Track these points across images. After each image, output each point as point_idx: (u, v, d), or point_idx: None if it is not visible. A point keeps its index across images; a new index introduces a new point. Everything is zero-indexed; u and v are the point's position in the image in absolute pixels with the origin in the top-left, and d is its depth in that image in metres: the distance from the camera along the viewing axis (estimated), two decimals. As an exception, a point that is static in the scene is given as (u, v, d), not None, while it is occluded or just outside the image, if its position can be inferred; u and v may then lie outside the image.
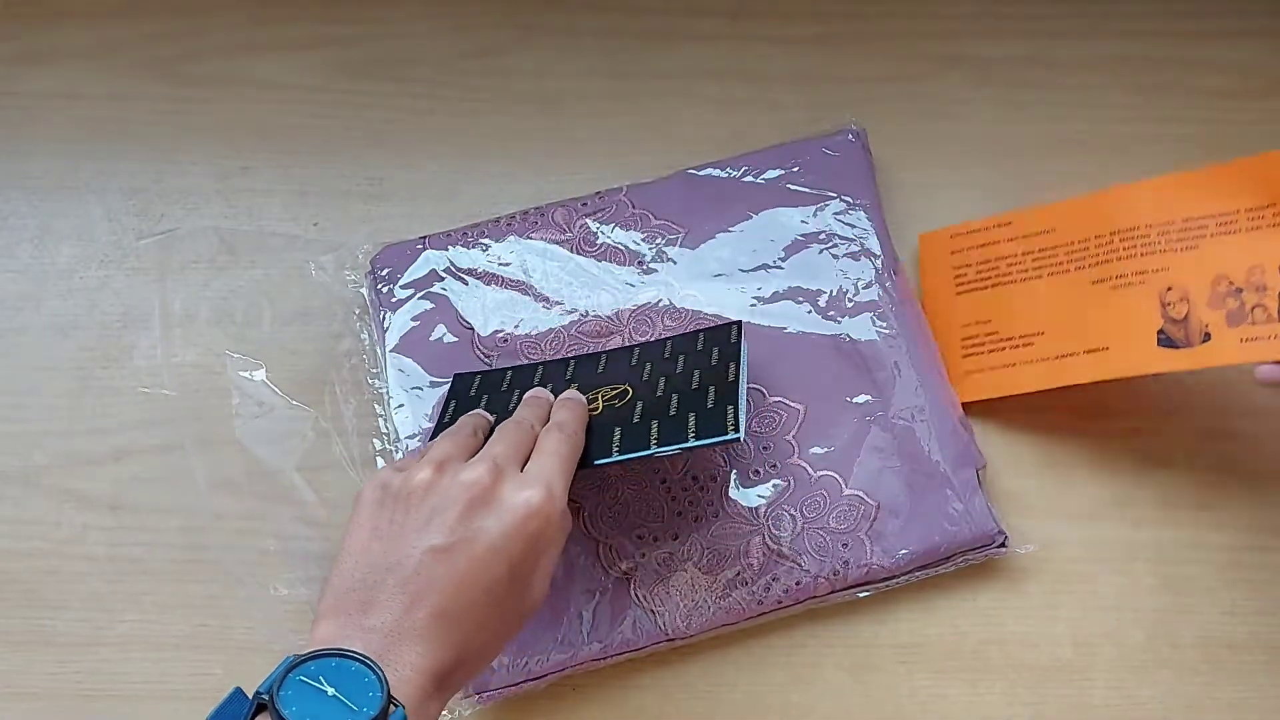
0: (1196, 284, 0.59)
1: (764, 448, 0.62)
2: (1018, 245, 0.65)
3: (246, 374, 0.65)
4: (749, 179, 0.67)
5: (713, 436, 0.53)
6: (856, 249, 0.65)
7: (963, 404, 0.64)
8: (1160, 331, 0.59)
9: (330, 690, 0.42)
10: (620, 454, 0.54)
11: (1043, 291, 0.63)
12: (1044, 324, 0.63)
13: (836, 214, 0.66)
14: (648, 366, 0.60)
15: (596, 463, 0.54)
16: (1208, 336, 0.57)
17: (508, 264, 0.66)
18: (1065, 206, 0.64)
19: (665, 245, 0.66)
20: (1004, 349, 0.64)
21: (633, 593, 0.59)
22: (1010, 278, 0.65)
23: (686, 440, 0.54)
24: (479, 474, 0.49)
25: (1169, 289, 0.59)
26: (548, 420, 0.55)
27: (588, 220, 0.67)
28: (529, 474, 0.50)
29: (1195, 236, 0.59)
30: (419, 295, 0.65)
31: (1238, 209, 0.59)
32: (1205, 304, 0.58)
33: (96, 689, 0.61)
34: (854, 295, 0.65)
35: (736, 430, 0.53)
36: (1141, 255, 0.61)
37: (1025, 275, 0.64)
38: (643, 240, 0.66)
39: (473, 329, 0.65)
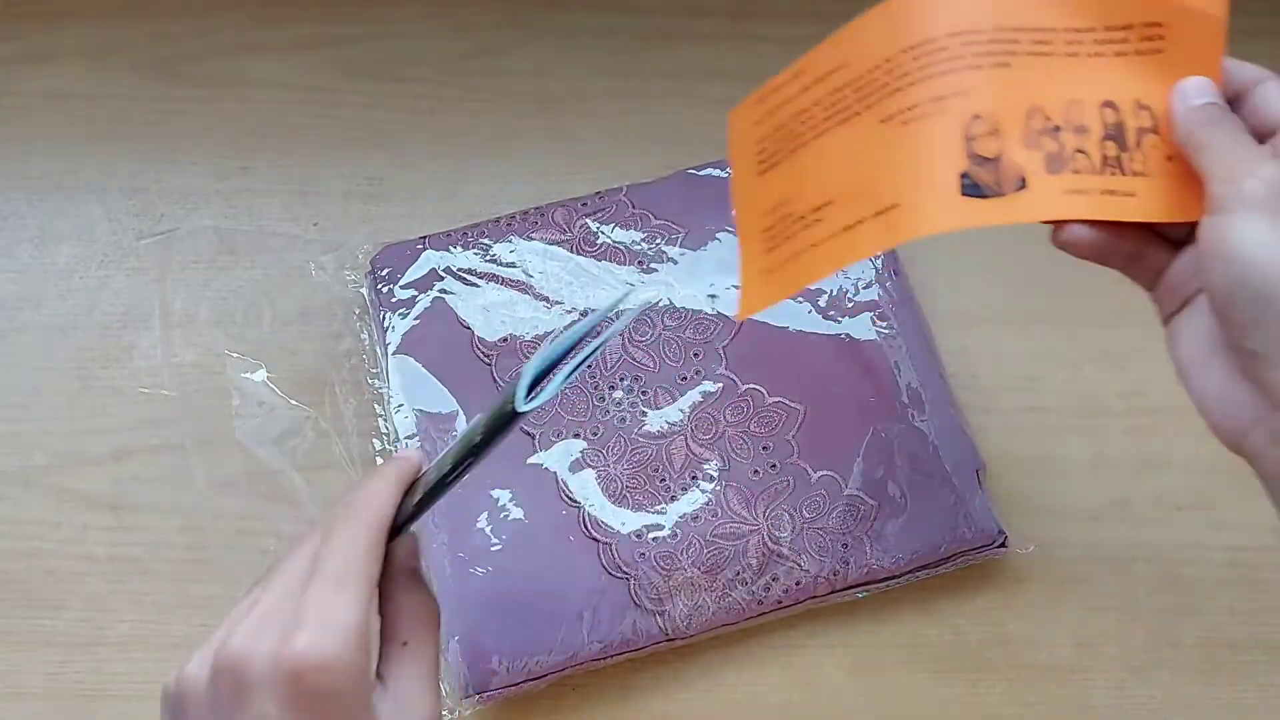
0: (1009, 113, 0.45)
1: (764, 448, 0.61)
2: (810, 95, 0.49)
3: (246, 374, 0.65)
4: (749, 179, 0.67)
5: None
6: (857, 249, 0.65)
7: (748, 317, 0.51)
8: (964, 175, 0.44)
9: None
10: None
11: (830, 148, 0.48)
12: (832, 190, 0.47)
13: (836, 214, 0.66)
14: None
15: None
16: (1023, 183, 0.44)
17: (508, 264, 0.66)
18: (858, 28, 0.49)
19: (665, 245, 0.66)
20: (796, 234, 0.48)
21: (632, 593, 0.59)
22: (803, 139, 0.49)
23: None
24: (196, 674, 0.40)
25: (976, 118, 0.45)
26: None
27: (588, 220, 0.67)
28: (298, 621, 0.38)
29: (1006, 52, 0.45)
30: (419, 295, 0.65)
31: (1055, 26, 0.45)
32: (1020, 141, 0.44)
33: (96, 689, 0.61)
34: (854, 295, 0.65)
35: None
36: (941, 75, 0.45)
37: (816, 131, 0.48)
38: (643, 240, 0.66)
39: (472, 329, 0.65)
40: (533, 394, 0.39)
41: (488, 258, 0.66)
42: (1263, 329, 0.39)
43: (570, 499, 0.60)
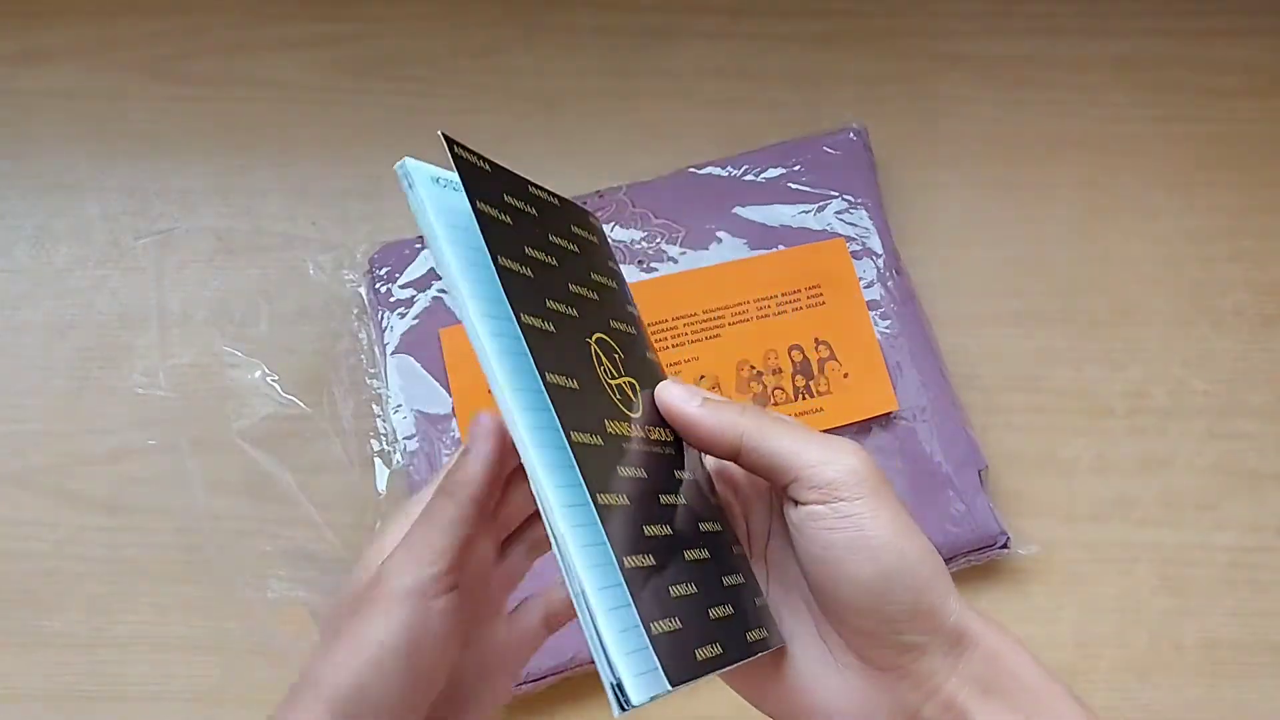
0: (724, 369, 0.62)
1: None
2: None
3: (244, 374, 0.65)
4: (750, 178, 0.67)
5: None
6: (858, 248, 0.65)
7: None
8: None
9: None
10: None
11: None
12: None
13: (838, 213, 0.66)
14: None
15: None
16: None
17: (507, 263, 0.66)
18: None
19: (665, 244, 0.66)
20: None
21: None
22: None
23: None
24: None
25: (701, 377, 0.62)
26: None
27: (587, 219, 0.66)
28: None
29: (715, 325, 0.63)
30: (418, 295, 0.65)
31: (747, 300, 0.63)
32: (734, 390, 0.62)
33: (94, 690, 0.61)
34: (855, 295, 0.65)
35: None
36: (674, 347, 0.63)
37: None
38: (643, 239, 0.66)
39: (472, 329, 0.64)
40: None
41: (487, 257, 0.66)
42: (918, 619, 0.36)
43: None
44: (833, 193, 0.66)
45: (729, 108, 0.71)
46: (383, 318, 0.65)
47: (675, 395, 0.39)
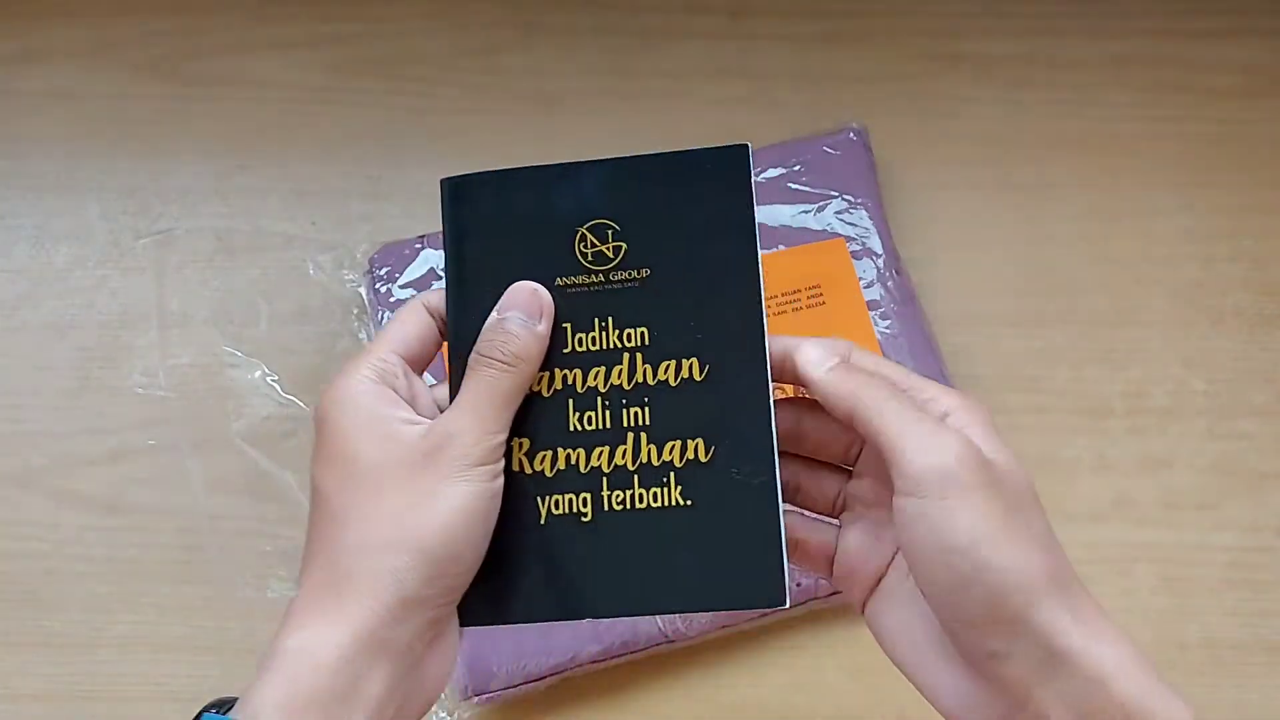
0: None
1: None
2: None
3: (244, 374, 0.65)
4: (749, 178, 0.67)
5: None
6: (858, 248, 0.65)
7: None
8: None
9: None
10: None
11: None
12: None
13: (838, 213, 0.66)
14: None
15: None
16: None
17: (507, 263, 0.66)
18: None
19: (665, 244, 0.66)
20: None
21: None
22: None
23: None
24: None
25: None
26: None
27: (587, 219, 0.66)
28: None
29: None
30: (418, 295, 0.65)
31: None
32: None
33: (94, 690, 0.61)
34: (855, 295, 0.65)
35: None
36: None
37: None
38: (643, 239, 0.66)
39: (472, 329, 0.64)
40: None
41: (487, 257, 0.66)
42: (996, 626, 0.35)
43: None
44: (833, 193, 0.66)
45: (729, 108, 0.71)
46: (382, 318, 0.65)
47: (810, 357, 0.40)
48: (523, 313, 0.41)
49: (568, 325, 0.41)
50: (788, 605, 0.39)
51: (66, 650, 0.61)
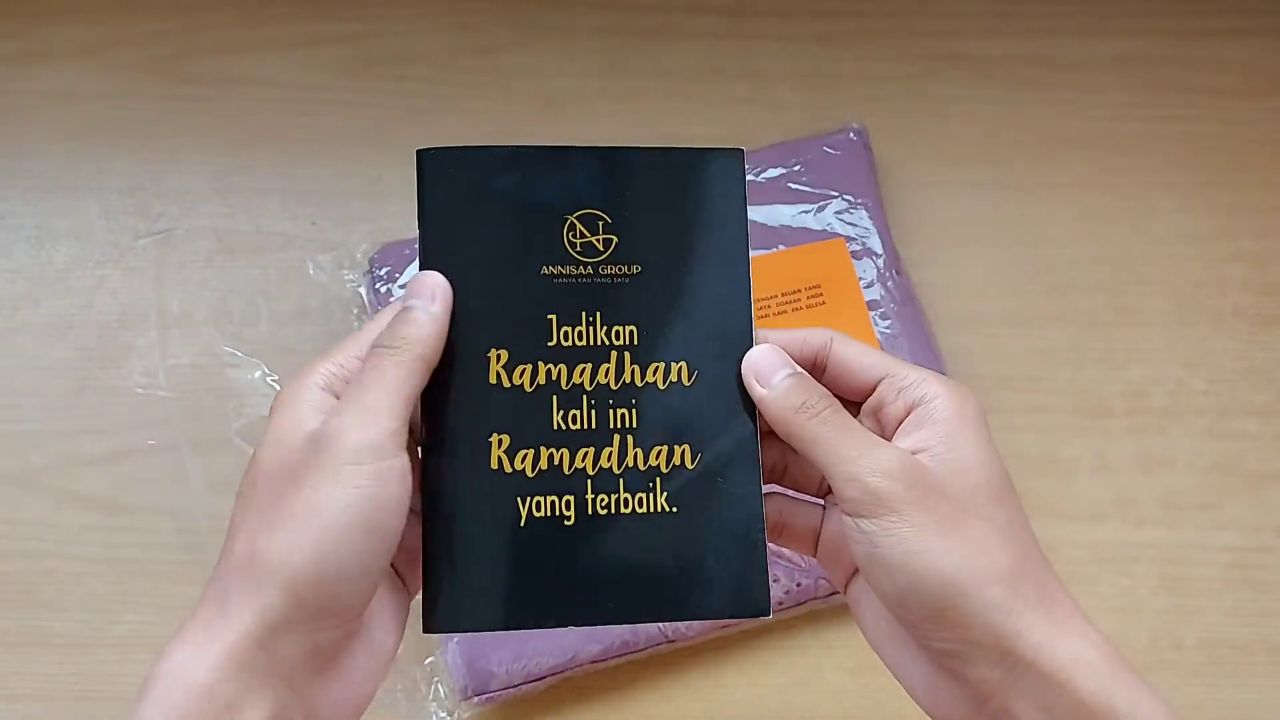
0: None
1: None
2: None
3: (244, 374, 0.65)
4: (750, 178, 0.66)
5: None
6: (858, 248, 0.65)
7: None
8: None
9: None
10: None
11: None
12: None
13: (838, 213, 0.66)
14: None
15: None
16: None
17: (507, 263, 0.66)
18: None
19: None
20: None
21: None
22: None
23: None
24: None
25: None
26: None
27: (587, 219, 0.66)
28: None
29: None
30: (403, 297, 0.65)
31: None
32: None
33: (94, 690, 0.61)
34: (855, 295, 0.65)
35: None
36: None
37: None
38: (643, 239, 0.66)
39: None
40: None
41: (487, 257, 0.66)
42: (946, 630, 0.36)
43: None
44: (833, 193, 0.66)
45: (729, 107, 0.71)
46: (383, 318, 0.64)
47: (758, 370, 0.40)
48: (416, 298, 0.39)
49: (553, 317, 0.40)
50: (770, 616, 0.39)
51: (66, 650, 0.61)
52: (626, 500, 0.39)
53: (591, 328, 0.40)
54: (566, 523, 0.39)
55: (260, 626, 0.35)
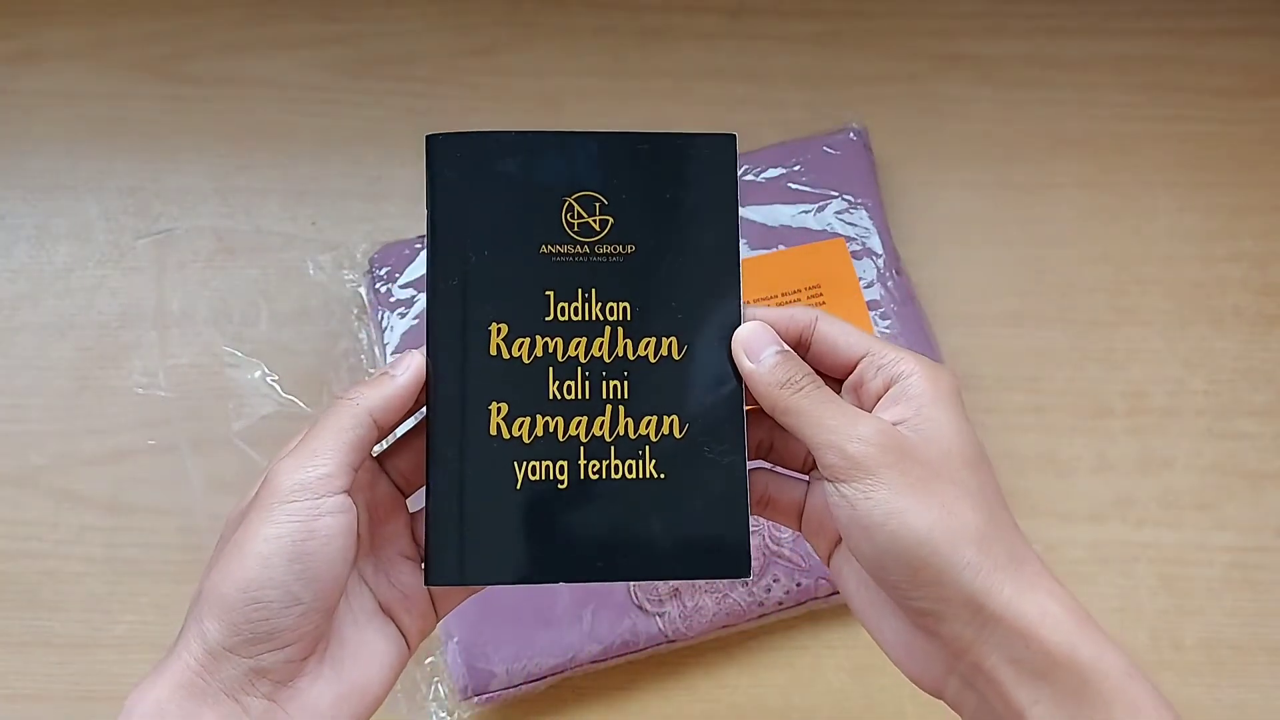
0: None
1: (765, 448, 0.61)
2: None
3: (244, 374, 0.65)
4: (750, 178, 0.67)
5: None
6: (858, 248, 0.65)
7: None
8: None
9: None
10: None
11: None
12: None
13: (838, 213, 0.66)
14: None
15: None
16: None
17: (507, 263, 0.66)
18: None
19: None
20: None
21: (632, 594, 0.59)
22: None
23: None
24: None
25: None
26: None
27: (587, 219, 0.66)
28: None
29: None
30: (418, 295, 0.65)
31: (746, 300, 0.64)
32: None
33: (94, 690, 0.61)
34: (855, 295, 0.65)
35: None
36: None
37: None
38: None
39: (472, 329, 0.64)
40: None
41: (487, 257, 0.66)
42: (921, 589, 0.38)
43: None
44: (833, 193, 0.66)
45: (729, 108, 0.71)
46: (383, 318, 0.65)
47: (748, 346, 0.42)
48: (392, 368, 0.41)
49: (551, 293, 0.42)
50: (750, 578, 0.43)
51: (66, 650, 0.61)
52: (617, 466, 0.42)
53: (587, 304, 0.42)
54: (560, 486, 0.41)
55: (203, 653, 0.37)
